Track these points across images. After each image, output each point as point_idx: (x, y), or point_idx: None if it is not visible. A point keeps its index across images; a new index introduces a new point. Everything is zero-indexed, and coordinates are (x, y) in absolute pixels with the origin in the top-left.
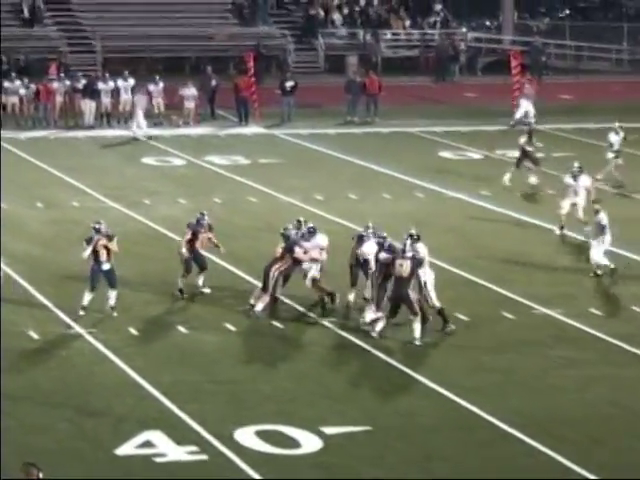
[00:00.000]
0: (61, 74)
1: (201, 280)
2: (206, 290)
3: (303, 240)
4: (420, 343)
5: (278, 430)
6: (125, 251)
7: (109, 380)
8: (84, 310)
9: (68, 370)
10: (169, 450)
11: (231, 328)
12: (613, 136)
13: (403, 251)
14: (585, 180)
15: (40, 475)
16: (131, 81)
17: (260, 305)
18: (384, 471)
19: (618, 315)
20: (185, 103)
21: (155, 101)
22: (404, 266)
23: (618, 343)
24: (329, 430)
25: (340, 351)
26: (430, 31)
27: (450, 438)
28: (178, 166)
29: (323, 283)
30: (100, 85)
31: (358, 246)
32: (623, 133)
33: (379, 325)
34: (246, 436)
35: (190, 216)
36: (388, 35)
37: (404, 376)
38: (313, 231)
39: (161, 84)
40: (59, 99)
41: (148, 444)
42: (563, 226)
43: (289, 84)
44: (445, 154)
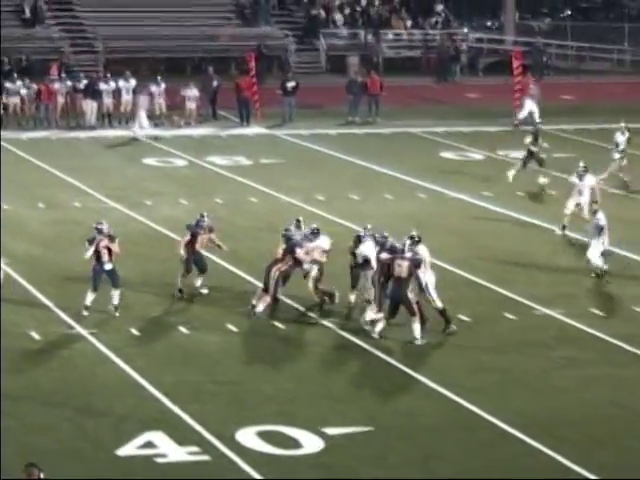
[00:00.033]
0: (62, 74)
1: (199, 282)
2: (204, 291)
3: (306, 241)
4: (421, 343)
5: (279, 431)
6: (126, 252)
7: (110, 380)
8: (87, 310)
9: (69, 370)
10: (170, 451)
11: (232, 329)
12: (619, 136)
13: (402, 251)
14: (590, 180)
15: (41, 475)
16: (132, 82)
17: (261, 306)
18: (385, 471)
19: (619, 315)
20: (187, 103)
21: (157, 102)
22: (402, 266)
23: (619, 343)
24: (330, 430)
25: (341, 351)
26: (431, 31)
27: (451, 438)
28: (180, 167)
29: (321, 284)
30: (102, 85)
31: (356, 246)
32: (629, 133)
33: (379, 326)
34: (247, 437)
35: (191, 217)
36: (389, 35)
37: (405, 376)
38: (317, 232)
39: (163, 85)
40: (60, 99)
41: (149, 445)
42: (565, 226)
43: (290, 84)
44: (447, 155)
